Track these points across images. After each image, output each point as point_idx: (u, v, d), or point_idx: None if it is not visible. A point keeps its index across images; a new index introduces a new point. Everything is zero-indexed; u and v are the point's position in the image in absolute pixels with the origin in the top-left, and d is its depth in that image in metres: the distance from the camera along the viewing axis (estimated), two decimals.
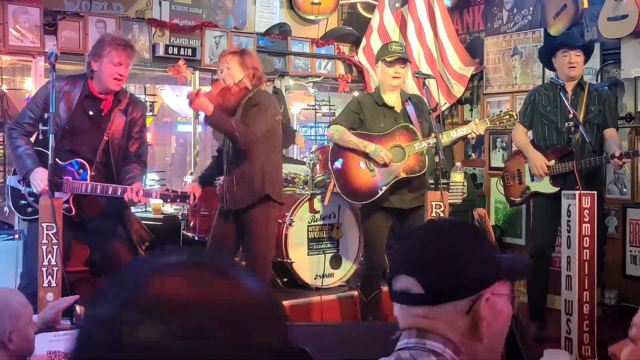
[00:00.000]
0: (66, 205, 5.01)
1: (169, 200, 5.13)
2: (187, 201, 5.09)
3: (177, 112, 10.47)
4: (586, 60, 6.50)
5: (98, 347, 0.93)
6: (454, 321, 1.69)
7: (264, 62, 7.24)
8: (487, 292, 1.70)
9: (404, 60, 6.00)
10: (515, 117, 6.00)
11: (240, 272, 1.04)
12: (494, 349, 1.76)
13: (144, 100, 6.02)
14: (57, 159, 5.07)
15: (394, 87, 6.03)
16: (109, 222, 5.33)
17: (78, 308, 3.23)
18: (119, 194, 4.97)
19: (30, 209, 5.12)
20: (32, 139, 5.24)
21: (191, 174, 7.20)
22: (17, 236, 5.95)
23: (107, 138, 5.15)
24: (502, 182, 6.82)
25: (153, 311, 0.93)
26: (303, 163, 7.26)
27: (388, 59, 5.93)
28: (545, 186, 6.32)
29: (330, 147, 6.21)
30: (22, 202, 5.18)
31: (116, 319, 0.92)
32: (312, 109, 9.23)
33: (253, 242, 5.58)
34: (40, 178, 4.95)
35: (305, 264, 6.71)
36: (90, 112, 5.10)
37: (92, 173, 5.06)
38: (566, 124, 6.18)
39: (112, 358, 0.91)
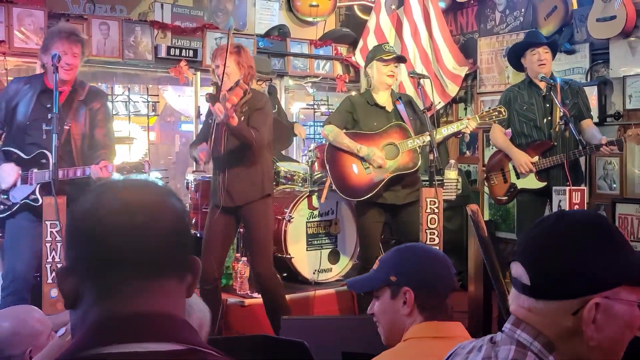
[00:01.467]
0: (33, 196, 4.98)
1: (124, 172, 5.07)
2: (144, 170, 5.04)
3: (179, 111, 10.42)
4: (553, 57, 6.48)
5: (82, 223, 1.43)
6: (556, 319, 1.61)
7: (263, 63, 7.22)
8: (599, 296, 1.59)
9: (399, 59, 6.00)
10: (504, 113, 5.98)
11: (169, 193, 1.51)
12: (607, 355, 1.63)
13: (102, 90, 5.97)
14: (21, 154, 5.07)
15: (388, 85, 6.01)
16: None
17: None
18: (79, 174, 4.94)
19: (2, 206, 5.08)
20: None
21: (193, 172, 7.16)
22: None
23: (67, 127, 5.08)
24: (486, 183, 6.77)
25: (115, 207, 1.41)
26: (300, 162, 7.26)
27: (385, 57, 5.92)
28: (532, 182, 6.29)
29: (326, 145, 6.19)
30: None
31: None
32: (311, 109, 9.24)
33: (255, 235, 5.58)
34: (7, 172, 4.96)
35: (304, 259, 6.69)
36: (48, 105, 5.04)
37: (54, 161, 5.00)
38: (545, 119, 6.19)
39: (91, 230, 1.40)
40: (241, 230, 6.09)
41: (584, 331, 1.59)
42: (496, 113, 5.99)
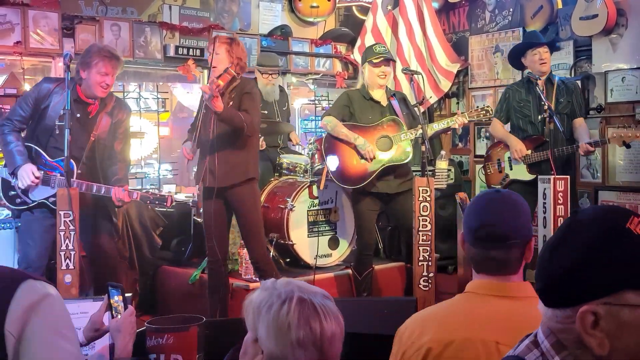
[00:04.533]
0: (52, 199, 4.97)
1: (148, 202, 5.12)
2: (165, 203, 5.06)
3: (188, 107, 10.42)
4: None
5: None
6: (566, 325, 1.44)
7: (268, 57, 7.23)
8: (595, 303, 1.37)
9: (388, 60, 5.96)
10: (491, 112, 6.03)
11: None
12: None
13: (128, 104, 5.94)
14: (45, 155, 5.08)
15: (380, 85, 5.99)
16: (96, 213, 5.30)
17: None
18: (102, 192, 4.97)
19: (19, 199, 5.10)
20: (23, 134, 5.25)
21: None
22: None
23: (93, 138, 5.11)
24: (483, 171, 6.79)
25: None
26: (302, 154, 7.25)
27: (375, 60, 5.89)
28: (523, 174, 6.30)
29: (324, 136, 6.19)
30: (12, 192, 5.15)
31: None
32: (313, 104, 9.23)
33: (245, 221, 5.57)
34: (27, 174, 4.95)
35: (306, 245, 6.68)
36: (78, 115, 5.07)
37: (79, 170, 5.02)
38: (539, 115, 6.18)
39: None
40: None
41: (585, 341, 1.40)
42: (484, 112, 6.03)
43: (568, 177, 5.75)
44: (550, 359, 1.47)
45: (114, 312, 3.05)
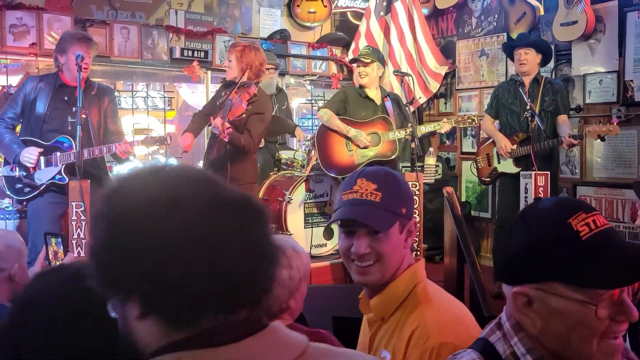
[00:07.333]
0: (59, 176, 5.05)
1: (149, 144, 5.28)
2: (167, 142, 5.15)
3: (193, 106, 10.42)
4: (544, 57, 6.41)
5: None
6: (511, 303, 1.52)
7: (267, 56, 7.27)
8: (529, 287, 1.46)
9: (363, 61, 6.01)
10: (476, 121, 6.08)
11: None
12: (558, 346, 1.46)
13: (110, 87, 6.02)
14: (41, 142, 5.14)
15: (363, 85, 6.04)
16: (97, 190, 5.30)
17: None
18: (105, 152, 5.05)
19: (28, 188, 5.13)
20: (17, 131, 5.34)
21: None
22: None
23: (84, 116, 5.13)
24: (475, 165, 6.82)
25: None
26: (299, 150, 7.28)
27: (352, 62, 6.05)
28: (510, 167, 6.34)
29: (318, 126, 6.24)
30: (18, 185, 5.19)
31: None
32: (310, 103, 9.23)
33: None
34: (29, 154, 5.03)
35: (302, 235, 6.69)
36: (65, 98, 5.16)
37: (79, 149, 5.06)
38: (524, 113, 6.21)
39: None
40: None
41: (519, 319, 1.51)
42: (470, 120, 6.08)
43: (549, 172, 5.79)
44: (510, 339, 1.52)
45: (55, 262, 3.04)
